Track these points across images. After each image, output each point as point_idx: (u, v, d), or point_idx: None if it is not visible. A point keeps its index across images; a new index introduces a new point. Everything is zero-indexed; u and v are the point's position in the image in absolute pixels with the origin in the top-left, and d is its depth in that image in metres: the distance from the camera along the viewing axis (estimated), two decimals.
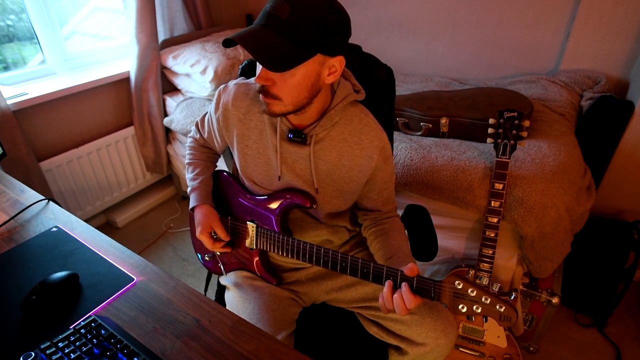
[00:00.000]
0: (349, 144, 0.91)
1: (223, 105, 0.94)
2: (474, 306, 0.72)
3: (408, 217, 1.18)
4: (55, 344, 0.66)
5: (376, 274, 0.82)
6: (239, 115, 0.93)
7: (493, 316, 0.71)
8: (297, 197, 0.92)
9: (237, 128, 0.94)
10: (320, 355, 0.98)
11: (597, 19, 1.73)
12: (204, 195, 1.02)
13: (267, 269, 1.01)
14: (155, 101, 2.09)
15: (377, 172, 0.94)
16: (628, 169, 1.68)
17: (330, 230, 1.03)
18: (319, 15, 0.73)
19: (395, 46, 2.31)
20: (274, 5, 0.72)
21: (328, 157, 0.91)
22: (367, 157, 0.92)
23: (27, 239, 0.93)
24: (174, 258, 2.04)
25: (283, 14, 0.72)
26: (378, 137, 0.92)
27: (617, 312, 1.68)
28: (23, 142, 1.67)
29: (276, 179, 0.94)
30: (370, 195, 0.99)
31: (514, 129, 1.27)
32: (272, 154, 0.92)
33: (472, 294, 0.72)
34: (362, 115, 0.93)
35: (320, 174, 0.93)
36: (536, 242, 1.29)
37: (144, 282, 0.82)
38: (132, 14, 1.91)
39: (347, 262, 0.85)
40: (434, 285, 0.76)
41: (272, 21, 0.73)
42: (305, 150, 0.91)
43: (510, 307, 0.70)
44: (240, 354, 0.67)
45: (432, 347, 0.90)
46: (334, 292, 1.04)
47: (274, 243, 0.94)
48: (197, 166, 1.07)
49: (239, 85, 0.95)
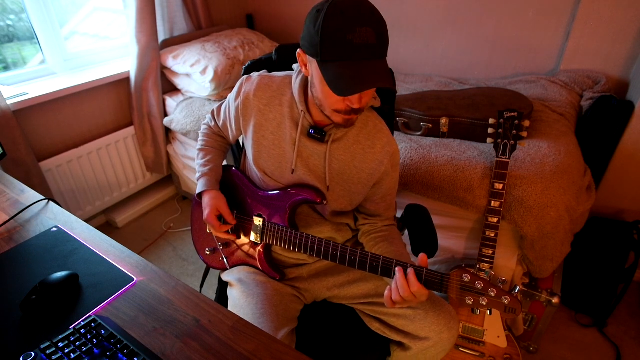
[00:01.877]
0: (363, 147, 0.95)
1: (245, 94, 0.97)
2: (480, 298, 0.76)
3: (408, 216, 1.18)
4: (55, 344, 0.66)
5: (385, 267, 0.84)
6: (259, 106, 0.96)
7: (498, 308, 0.75)
8: (309, 192, 0.94)
9: (255, 118, 0.96)
10: (322, 352, 0.98)
11: (597, 19, 1.73)
12: (213, 182, 1.03)
13: (270, 264, 1.02)
14: (155, 101, 2.09)
15: (385, 176, 0.98)
16: (628, 169, 1.68)
17: (335, 228, 1.05)
18: (385, 22, 0.76)
19: (395, 46, 2.31)
20: (362, 36, 0.73)
21: (342, 157, 0.95)
22: (377, 162, 0.95)
23: (27, 239, 0.93)
24: (174, 258, 2.04)
25: (372, 39, 0.73)
26: (390, 143, 0.96)
27: (617, 312, 1.68)
28: (23, 142, 1.67)
29: (289, 172, 0.96)
30: (374, 198, 1.01)
31: (514, 129, 1.27)
32: (289, 147, 0.95)
33: (479, 286, 0.76)
34: (377, 121, 0.97)
35: (332, 172, 0.95)
36: (536, 242, 1.29)
37: (144, 282, 0.82)
38: (132, 14, 1.91)
39: (356, 256, 0.87)
40: (442, 278, 0.79)
41: (371, 52, 0.74)
42: (322, 147, 0.93)
43: (514, 299, 0.74)
44: (240, 354, 0.67)
45: (435, 342, 0.91)
46: (335, 288, 1.05)
47: (282, 238, 0.96)
48: (209, 153, 1.08)
49: (262, 77, 0.97)
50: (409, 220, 1.17)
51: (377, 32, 0.74)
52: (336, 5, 0.74)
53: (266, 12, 2.69)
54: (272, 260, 1.05)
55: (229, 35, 2.23)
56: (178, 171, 2.35)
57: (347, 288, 1.03)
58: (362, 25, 0.72)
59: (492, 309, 0.76)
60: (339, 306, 1.07)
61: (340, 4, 0.74)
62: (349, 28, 0.72)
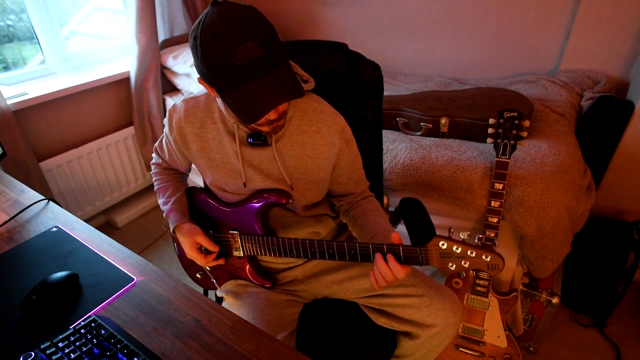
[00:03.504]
0: (309, 135, 0.92)
1: (176, 124, 0.94)
2: (462, 261, 0.75)
3: (403, 209, 1.19)
4: (55, 344, 0.66)
5: (363, 252, 0.84)
6: (194, 131, 0.93)
7: (481, 267, 0.74)
8: (272, 195, 0.92)
9: (195, 143, 0.94)
10: (325, 349, 0.98)
11: (597, 19, 1.73)
12: (180, 215, 1.01)
13: (259, 273, 1.01)
14: (155, 101, 2.09)
15: (341, 155, 0.95)
16: (628, 169, 1.68)
17: (314, 221, 1.03)
18: (269, 26, 0.73)
19: (395, 46, 2.31)
20: (244, 54, 0.69)
21: (292, 152, 0.92)
22: (329, 144, 0.92)
23: (27, 239, 0.93)
24: (174, 258, 2.03)
25: (256, 52, 0.69)
26: (335, 121, 0.93)
27: (617, 312, 1.68)
28: (23, 142, 1.67)
29: (243, 185, 0.94)
30: (340, 180, 1.00)
31: (514, 129, 1.27)
32: (236, 161, 0.92)
33: (458, 250, 0.75)
34: (315, 103, 0.93)
35: (289, 170, 0.93)
36: (536, 242, 1.29)
37: (144, 282, 0.82)
38: (132, 14, 1.91)
39: (333, 249, 0.87)
40: (420, 251, 0.78)
41: (262, 66, 0.70)
42: (269, 150, 0.91)
43: (495, 254, 0.73)
44: (241, 354, 0.67)
45: (442, 327, 0.92)
46: (335, 285, 1.04)
47: (260, 246, 0.95)
48: (167, 189, 1.05)
49: (187, 101, 0.94)
50: (404, 212, 1.17)
51: (261, 42, 0.69)
52: (208, 30, 0.69)
53: (266, 12, 2.68)
54: (262, 269, 1.04)
55: None
56: None
57: (348, 284, 1.03)
58: (239, 42, 0.68)
59: (476, 270, 0.74)
60: (341, 302, 1.07)
61: (210, 26, 0.69)
62: (228, 51, 0.68)
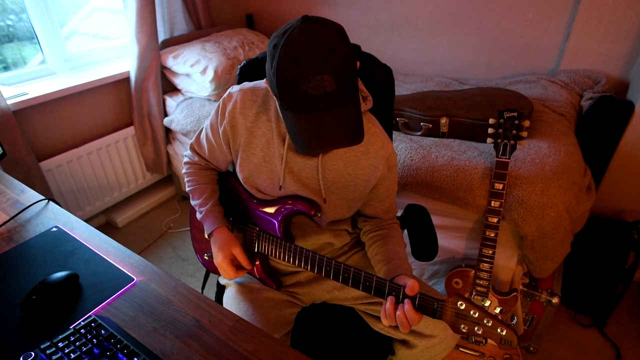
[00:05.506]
0: (356, 154, 0.90)
1: (229, 114, 0.90)
2: (476, 327, 0.72)
3: (408, 216, 1.17)
4: (55, 344, 0.66)
5: (378, 287, 0.81)
6: (246, 124, 0.90)
7: (494, 338, 0.71)
8: (301, 204, 0.91)
9: (243, 136, 0.91)
10: (321, 353, 0.98)
11: (597, 19, 1.73)
12: (220, 218, 0.98)
13: (267, 272, 1.01)
14: (155, 101, 2.09)
15: (381, 181, 0.94)
16: (628, 169, 1.68)
17: (332, 234, 1.03)
18: (351, 59, 0.70)
19: (395, 46, 2.31)
20: (317, 85, 0.67)
21: (335, 166, 0.91)
22: (372, 167, 0.91)
23: (27, 239, 0.93)
24: (174, 258, 2.04)
25: (330, 87, 0.67)
26: (384, 146, 0.91)
27: (617, 312, 1.68)
28: (23, 142, 1.67)
29: (279, 188, 0.93)
30: (372, 203, 0.99)
31: (514, 129, 1.27)
32: (278, 163, 0.91)
33: (475, 315, 0.72)
34: (370, 124, 0.92)
35: (327, 183, 0.92)
36: (536, 242, 1.29)
37: (144, 282, 0.82)
38: (132, 14, 1.91)
39: (349, 274, 0.84)
40: (436, 305, 0.75)
41: (329, 101, 0.68)
42: (313, 161, 0.89)
43: (511, 330, 0.70)
44: (240, 354, 0.67)
45: (440, 339, 0.90)
46: (335, 291, 1.04)
47: (276, 248, 0.94)
48: (204, 191, 1.01)
49: (244, 92, 0.90)
50: (408, 220, 1.16)
51: (337, 78, 0.67)
52: (289, 47, 0.68)
53: (266, 12, 2.69)
54: (270, 268, 1.04)
55: (229, 35, 2.23)
56: (178, 171, 2.35)
57: (347, 290, 1.03)
58: (316, 73, 0.66)
59: (488, 339, 0.73)
60: (338, 307, 1.07)
61: (293, 46, 0.67)
62: (303, 77, 0.67)
